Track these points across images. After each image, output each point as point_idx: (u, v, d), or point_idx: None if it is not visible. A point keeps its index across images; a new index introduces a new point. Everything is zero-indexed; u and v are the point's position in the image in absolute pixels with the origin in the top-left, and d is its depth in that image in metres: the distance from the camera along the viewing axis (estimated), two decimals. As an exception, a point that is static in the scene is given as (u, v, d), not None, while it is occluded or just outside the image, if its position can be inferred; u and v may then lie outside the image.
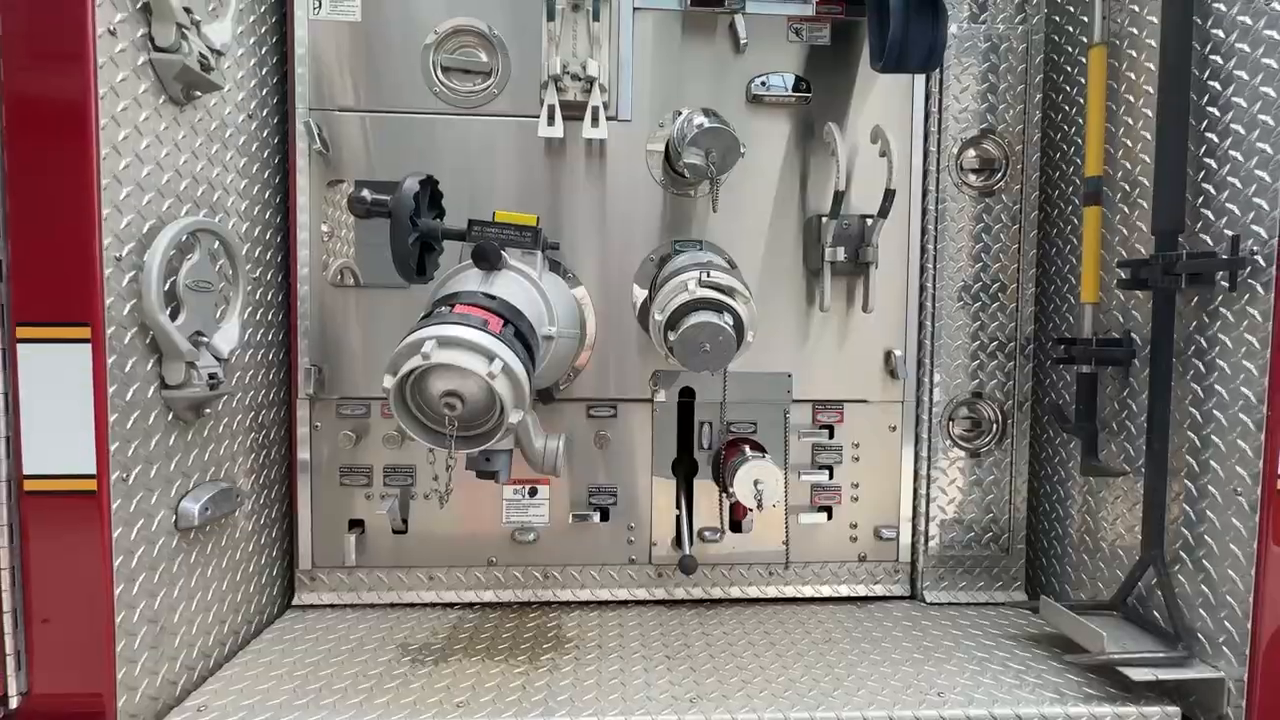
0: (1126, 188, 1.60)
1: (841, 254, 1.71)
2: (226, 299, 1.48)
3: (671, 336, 1.34)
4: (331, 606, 1.75)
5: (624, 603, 1.81)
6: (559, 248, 1.53)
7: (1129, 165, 1.60)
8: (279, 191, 1.73)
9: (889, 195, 1.65)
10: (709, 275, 1.36)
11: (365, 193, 1.29)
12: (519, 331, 1.18)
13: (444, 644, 1.58)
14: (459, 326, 1.07)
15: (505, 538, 1.79)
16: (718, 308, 1.34)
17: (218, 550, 1.49)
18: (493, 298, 1.20)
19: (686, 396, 1.81)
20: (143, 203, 1.26)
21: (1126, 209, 1.60)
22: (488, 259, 1.24)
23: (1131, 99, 1.59)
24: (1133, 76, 1.59)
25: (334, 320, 1.74)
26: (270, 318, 1.70)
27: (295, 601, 1.75)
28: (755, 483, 1.62)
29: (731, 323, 1.33)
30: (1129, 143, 1.60)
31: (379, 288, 1.73)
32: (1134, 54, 1.59)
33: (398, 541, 1.77)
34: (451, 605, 1.78)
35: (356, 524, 1.76)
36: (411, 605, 1.77)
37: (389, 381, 1.06)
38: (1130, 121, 1.60)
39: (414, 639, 1.60)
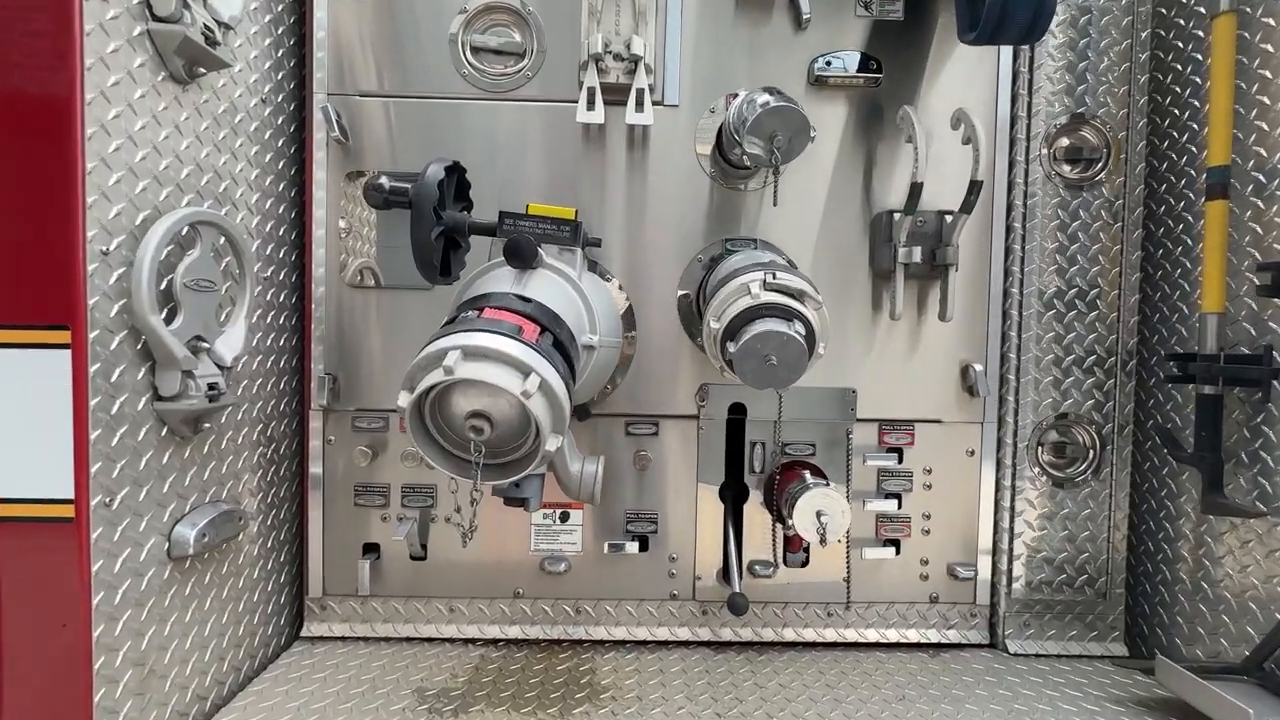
0: (1262, 179, 1.37)
1: (917, 255, 1.50)
2: (233, 300, 1.34)
3: (731, 348, 1.15)
4: (343, 639, 1.59)
5: (664, 643, 1.62)
6: (601, 244, 1.35)
7: (1264, 153, 1.37)
8: (294, 184, 1.59)
9: (974, 188, 1.44)
10: (775, 276, 1.17)
11: (384, 180, 1.14)
12: (558, 340, 1.00)
13: (465, 689, 1.41)
14: (489, 335, 0.90)
15: (533, 567, 1.61)
16: (786, 314, 1.15)
17: (218, 579, 1.34)
18: (528, 300, 1.03)
19: (737, 413, 1.62)
20: (135, 190, 1.11)
21: (1261, 203, 1.37)
22: (522, 256, 1.07)
23: (1268, 74, 1.36)
24: (1270, 49, 1.36)
25: (351, 325, 1.59)
26: (282, 321, 1.56)
27: (304, 632, 1.59)
28: (818, 514, 1.42)
29: (803, 332, 1.13)
30: (1264, 126, 1.37)
31: (401, 289, 1.58)
32: (1271, 22, 1.36)
33: (416, 569, 1.61)
34: (473, 641, 1.60)
35: (371, 549, 1.60)
36: (430, 640, 1.60)
37: (405, 399, 0.90)
38: (1267, 101, 1.37)
39: (432, 682, 1.43)
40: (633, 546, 1.60)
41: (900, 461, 1.63)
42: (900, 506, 1.63)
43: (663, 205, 1.59)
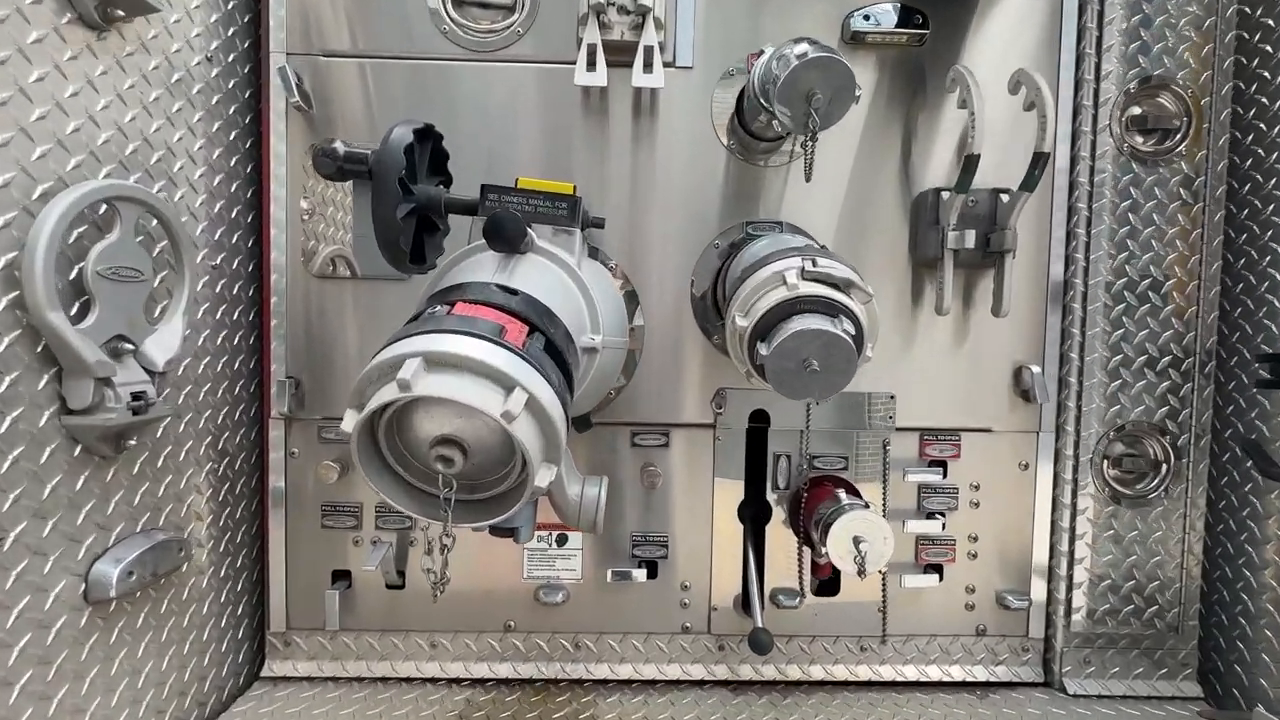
0: (1383, 148, 1.16)
1: (970, 239, 1.30)
2: (170, 292, 1.14)
3: (762, 350, 0.95)
4: (309, 679, 1.40)
5: (676, 683, 1.43)
6: (604, 225, 1.14)
7: (1384, 117, 1.16)
8: (250, 158, 1.38)
9: (1040, 161, 1.24)
10: (815, 263, 0.97)
11: (338, 144, 0.93)
12: (551, 343, 0.80)
13: (446, 743, 1.22)
14: (460, 337, 0.70)
15: (526, 596, 1.42)
16: (830, 309, 0.95)
17: (155, 619, 1.15)
18: (513, 292, 0.82)
19: (759, 422, 1.42)
20: (30, 157, 0.91)
21: (1382, 177, 1.16)
22: (506, 236, 0.86)
23: (1394, 24, 1.15)
24: (1395, -7, 1.15)
25: (320, 321, 1.39)
26: (238, 317, 1.35)
27: (265, 672, 1.40)
28: (856, 541, 1.23)
29: (851, 331, 0.93)
30: (1386, 86, 1.16)
31: (380, 280, 1.37)
32: (1397, -38, 1.15)
33: (393, 599, 1.41)
34: (458, 681, 1.41)
35: (341, 576, 1.41)
36: (409, 680, 1.40)
37: (350, 422, 0.70)
38: (1391, 56, 1.16)
39: (408, 735, 1.23)
40: (640, 574, 1.40)
41: (944, 476, 1.43)
42: (944, 527, 1.43)
43: (673, 182, 1.38)
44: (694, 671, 1.43)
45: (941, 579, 1.44)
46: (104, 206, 0.99)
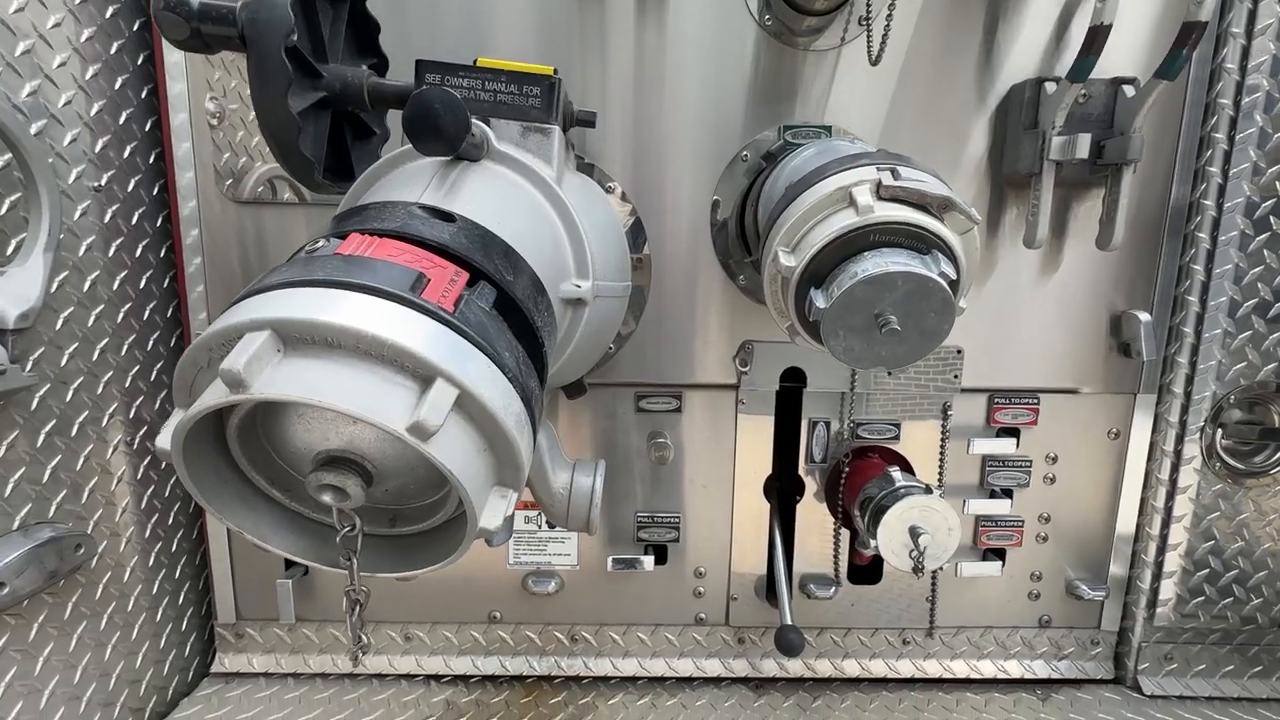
0: None
1: (1084, 146, 0.98)
2: (26, 219, 0.86)
3: (818, 301, 0.67)
4: (266, 675, 1.22)
5: (688, 680, 1.24)
6: (594, 122, 0.82)
7: None
8: (139, 43, 1.07)
9: (1190, 35, 0.90)
10: (898, 174, 0.67)
11: (194, -2, 0.62)
12: (506, 295, 0.52)
13: (420, 758, 1.04)
14: (343, 293, 0.44)
15: (513, 585, 1.21)
16: (918, 243, 0.66)
17: (57, 626, 0.94)
18: (447, 218, 0.53)
19: (792, 381, 1.15)
20: None
21: None
22: (438, 129, 0.55)
23: None
24: None
25: (259, 260, 1.11)
26: (142, 255, 1.08)
27: (216, 667, 1.22)
28: (914, 533, 0.99)
29: (950, 274, 0.65)
30: None
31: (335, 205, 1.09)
32: None
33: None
34: (438, 678, 1.23)
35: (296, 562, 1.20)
36: (380, 677, 1.22)
37: (165, 437, 0.44)
38: None
39: (376, 748, 1.06)
40: (647, 560, 1.19)
41: (1017, 446, 1.18)
42: (1011, 507, 1.19)
43: (689, 70, 1.06)
44: (709, 667, 1.24)
45: (1004, 565, 1.21)
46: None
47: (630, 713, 1.16)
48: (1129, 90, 1.00)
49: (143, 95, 1.07)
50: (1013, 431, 1.18)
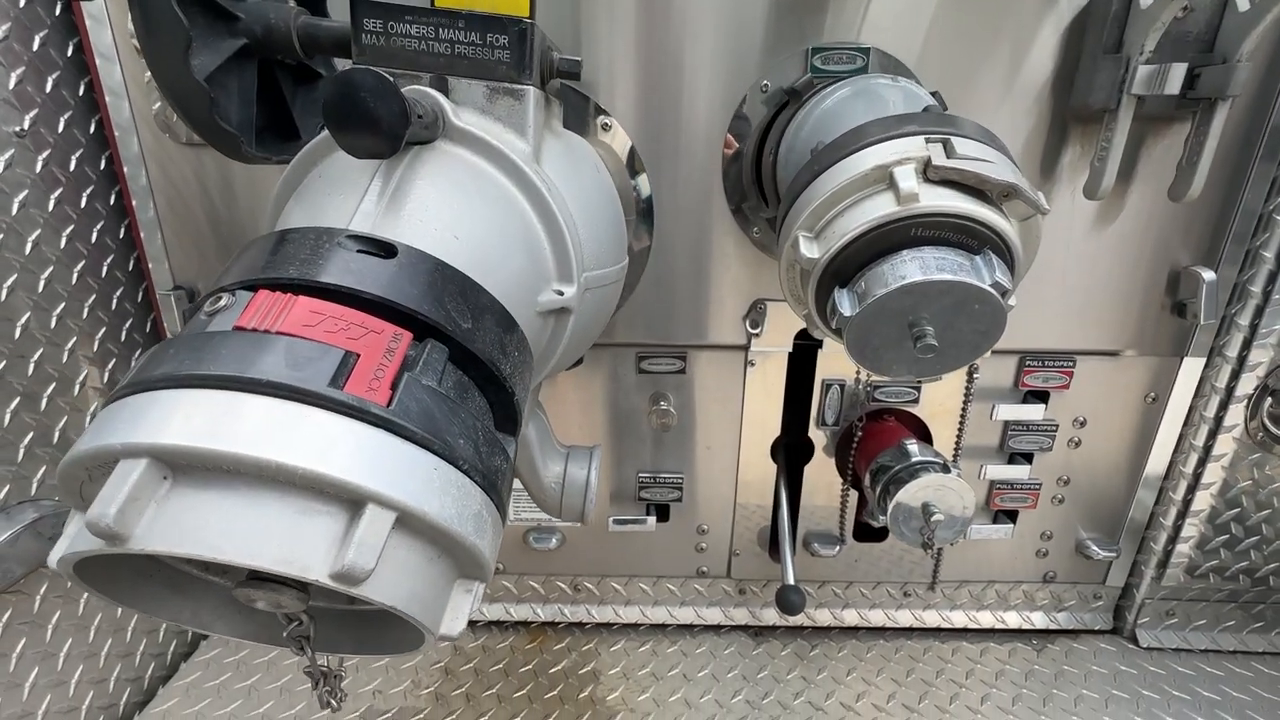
0: None
1: (1176, 79, 0.82)
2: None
3: (844, 307, 0.57)
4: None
5: (688, 627, 1.26)
6: (579, 73, 0.67)
7: None
8: (42, -52, 0.89)
9: (1339, -67, 0.71)
10: (951, 150, 0.54)
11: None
12: (465, 351, 0.42)
13: (436, 685, 1.09)
14: (245, 396, 0.34)
15: (515, 539, 1.21)
16: (969, 239, 0.55)
17: (60, 606, 0.95)
18: (388, 250, 0.43)
19: (805, 339, 1.07)
20: None
21: None
22: (368, 123, 0.42)
23: None
24: None
25: (225, 207, 1.00)
26: (88, 206, 0.97)
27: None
28: (927, 510, 0.95)
29: (1003, 281, 0.54)
30: None
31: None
32: None
33: (360, 541, 1.21)
34: (445, 623, 1.26)
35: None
36: (389, 621, 1.26)
37: (54, 559, 0.36)
38: None
39: (388, 703, 1.10)
40: (649, 520, 1.17)
41: (1045, 411, 1.10)
42: (1031, 472, 1.14)
43: (703, -17, 0.87)
44: (710, 615, 1.26)
45: (1015, 526, 1.19)
46: None
47: (632, 659, 1.19)
48: (1242, 3, 0.82)
49: (56, 13, 0.91)
50: (1041, 395, 1.10)
